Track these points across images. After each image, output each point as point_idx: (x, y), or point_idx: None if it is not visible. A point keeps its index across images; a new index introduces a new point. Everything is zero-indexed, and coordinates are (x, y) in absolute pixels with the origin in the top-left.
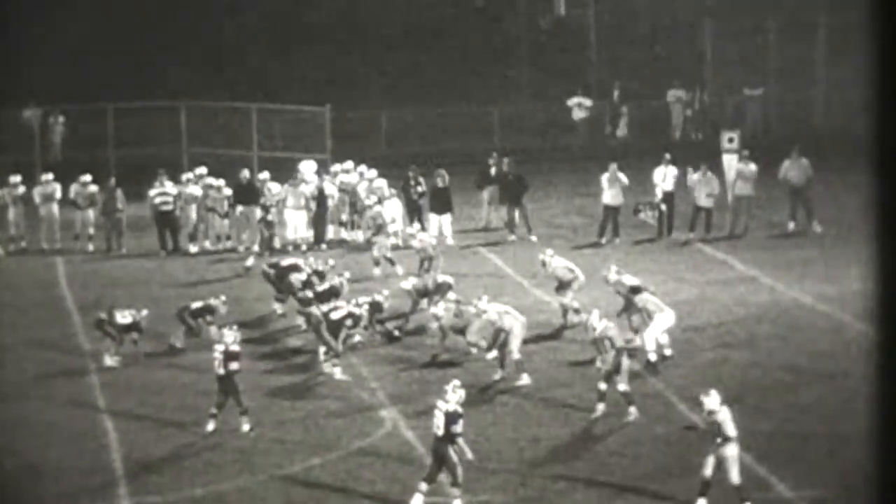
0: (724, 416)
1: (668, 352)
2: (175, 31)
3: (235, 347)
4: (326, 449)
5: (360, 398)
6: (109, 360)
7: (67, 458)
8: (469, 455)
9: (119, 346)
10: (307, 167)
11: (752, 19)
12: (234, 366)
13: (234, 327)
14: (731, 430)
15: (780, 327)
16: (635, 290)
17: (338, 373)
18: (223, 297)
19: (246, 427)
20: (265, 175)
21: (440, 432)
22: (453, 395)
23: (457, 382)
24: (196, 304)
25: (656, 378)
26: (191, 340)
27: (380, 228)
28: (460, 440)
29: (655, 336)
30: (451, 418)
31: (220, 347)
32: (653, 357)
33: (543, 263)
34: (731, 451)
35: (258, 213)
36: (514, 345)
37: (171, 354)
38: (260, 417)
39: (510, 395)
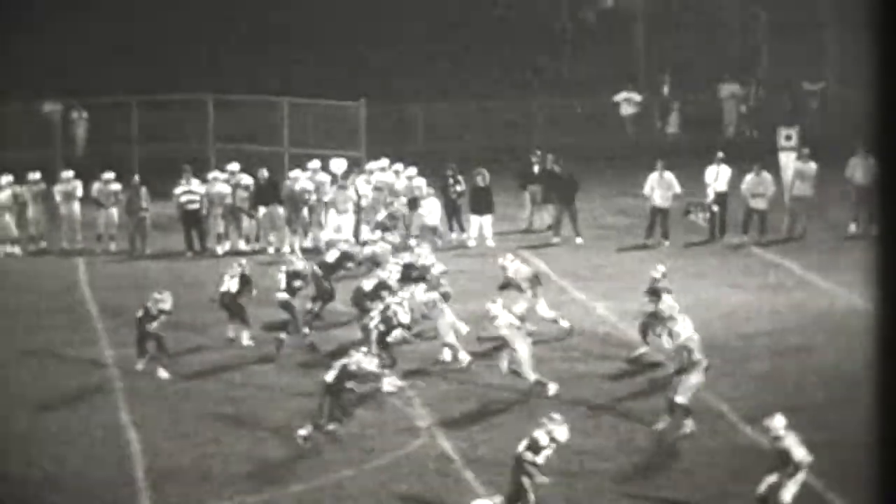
0: (791, 442)
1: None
2: (203, 24)
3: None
4: (359, 460)
5: (395, 407)
6: (164, 373)
7: (89, 468)
8: None
9: (166, 356)
10: (337, 165)
11: (810, 11)
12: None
13: None
14: (799, 454)
15: (838, 335)
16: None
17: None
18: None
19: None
20: (315, 164)
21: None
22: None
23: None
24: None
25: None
26: (216, 350)
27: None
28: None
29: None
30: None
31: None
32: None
33: (503, 268)
34: (800, 477)
35: (281, 211)
36: (523, 366)
37: (198, 362)
38: (289, 428)
39: (552, 408)
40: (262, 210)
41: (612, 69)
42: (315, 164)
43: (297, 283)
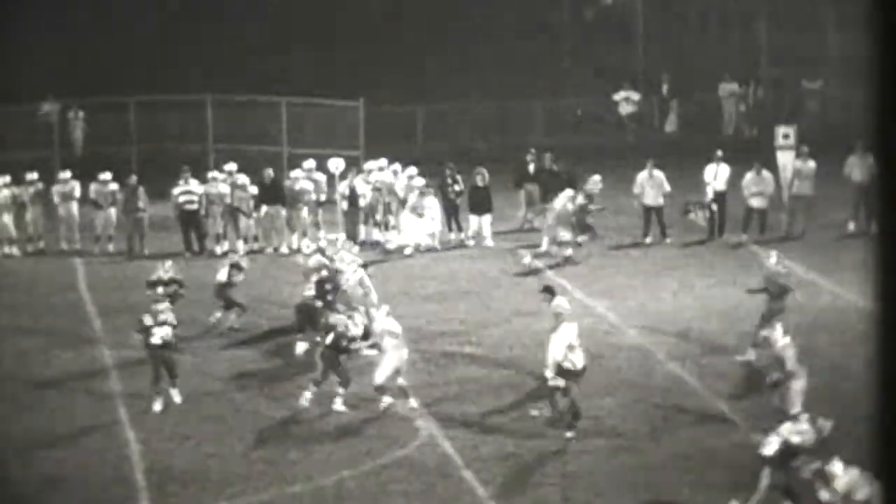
0: (789, 352)
1: None
2: (202, 24)
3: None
4: (359, 460)
5: (394, 407)
6: (176, 396)
7: (87, 469)
8: None
9: (173, 379)
10: (335, 164)
11: (810, 9)
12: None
13: None
14: (791, 364)
15: (840, 335)
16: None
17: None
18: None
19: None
20: (311, 164)
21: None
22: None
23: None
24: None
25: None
26: (214, 351)
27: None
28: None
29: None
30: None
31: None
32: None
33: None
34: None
35: (283, 212)
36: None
37: (197, 363)
38: (288, 428)
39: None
40: (263, 210)
41: (611, 69)
42: (310, 163)
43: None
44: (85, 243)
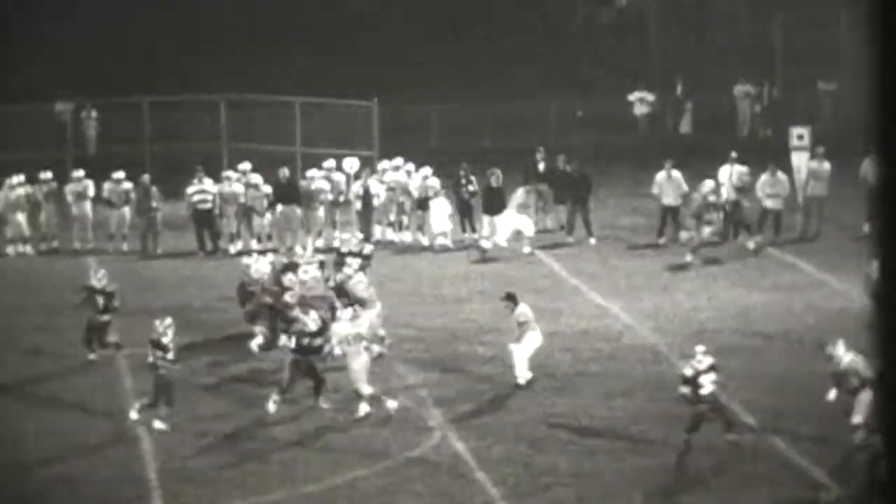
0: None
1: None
2: (216, 24)
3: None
4: (372, 460)
5: (407, 407)
6: (160, 424)
7: (100, 468)
8: None
9: (171, 407)
10: (350, 164)
11: (825, 10)
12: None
13: None
14: (865, 371)
15: (853, 336)
16: None
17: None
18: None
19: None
20: (330, 164)
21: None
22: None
23: None
24: None
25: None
26: (229, 351)
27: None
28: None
29: None
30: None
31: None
32: None
33: (327, 279)
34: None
35: (298, 211)
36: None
37: (210, 362)
38: (302, 427)
39: (565, 407)
40: (279, 209)
41: (626, 70)
42: (330, 163)
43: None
44: (98, 242)
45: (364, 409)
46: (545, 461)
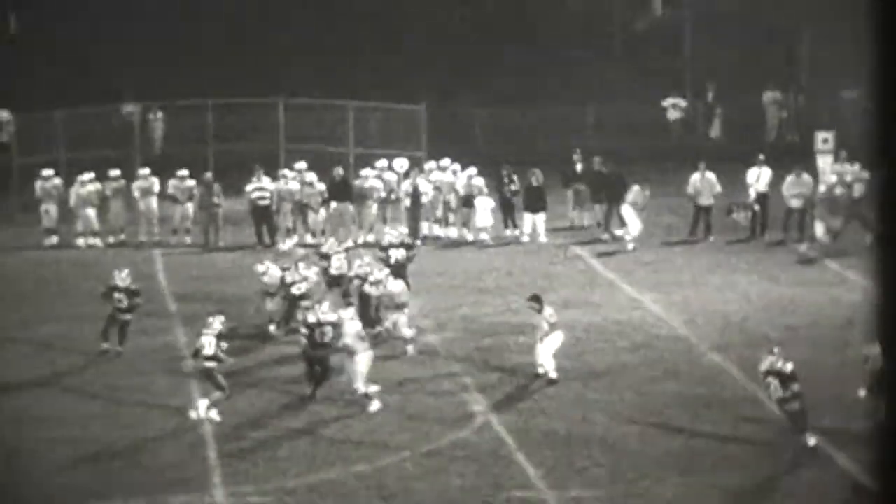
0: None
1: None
2: (275, 31)
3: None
4: (418, 442)
5: (451, 393)
6: (214, 414)
7: (163, 448)
8: None
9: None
10: (400, 164)
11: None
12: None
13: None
14: None
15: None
16: None
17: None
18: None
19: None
20: (383, 163)
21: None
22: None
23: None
24: None
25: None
26: (286, 335)
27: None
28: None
29: None
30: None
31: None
32: None
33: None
34: None
35: (351, 208)
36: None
37: (265, 345)
38: (353, 410)
39: (601, 394)
40: (332, 205)
41: (660, 77)
42: (383, 163)
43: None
44: (163, 235)
45: (376, 405)
46: (581, 444)
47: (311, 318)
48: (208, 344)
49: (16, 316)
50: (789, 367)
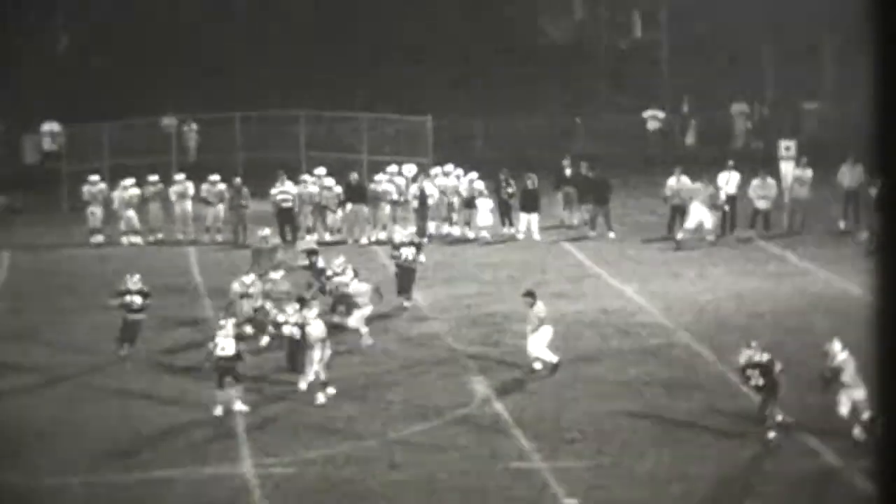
0: (848, 363)
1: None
2: (297, 50)
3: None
4: (425, 418)
5: (457, 373)
6: (240, 406)
7: (194, 425)
8: None
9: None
10: (408, 170)
11: (809, 40)
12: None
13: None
14: (846, 375)
15: (831, 315)
16: None
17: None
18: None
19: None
20: (393, 169)
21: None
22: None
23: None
24: None
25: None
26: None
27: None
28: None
29: None
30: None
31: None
32: None
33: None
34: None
35: (365, 209)
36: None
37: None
38: (366, 391)
39: (588, 375)
40: (349, 207)
41: (640, 91)
42: (393, 168)
43: None
44: (197, 234)
45: (322, 398)
46: (571, 420)
47: (280, 318)
48: (227, 345)
49: (71, 301)
50: (765, 356)
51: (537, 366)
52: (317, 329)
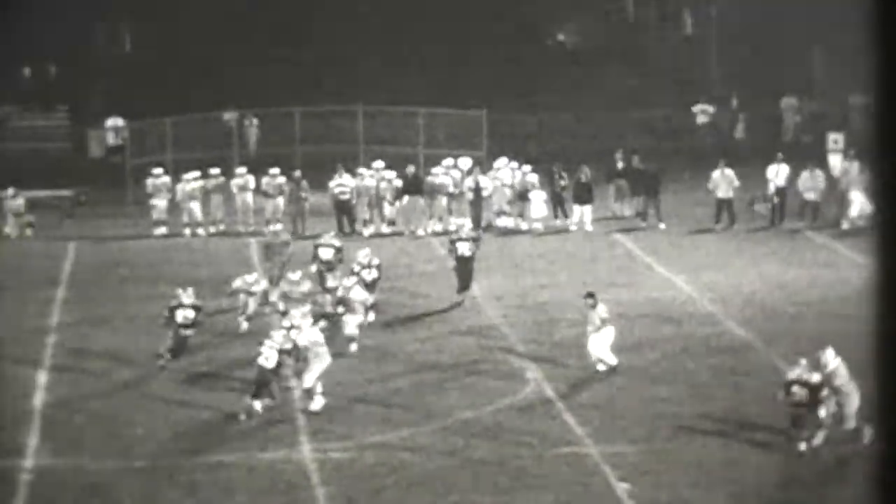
0: (840, 371)
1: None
2: (355, 48)
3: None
4: (480, 404)
5: (509, 361)
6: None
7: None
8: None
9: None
10: (464, 163)
11: (854, 37)
12: None
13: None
14: (839, 381)
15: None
16: None
17: None
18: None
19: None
20: (449, 162)
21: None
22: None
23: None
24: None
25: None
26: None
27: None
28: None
29: None
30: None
31: None
32: None
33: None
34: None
35: (422, 201)
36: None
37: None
38: (422, 378)
39: (639, 363)
40: (406, 199)
41: (691, 86)
42: (449, 161)
43: None
44: (258, 226)
45: (319, 402)
46: (622, 406)
47: (285, 323)
48: (270, 356)
49: (135, 290)
50: (815, 377)
51: (600, 367)
52: (313, 336)
